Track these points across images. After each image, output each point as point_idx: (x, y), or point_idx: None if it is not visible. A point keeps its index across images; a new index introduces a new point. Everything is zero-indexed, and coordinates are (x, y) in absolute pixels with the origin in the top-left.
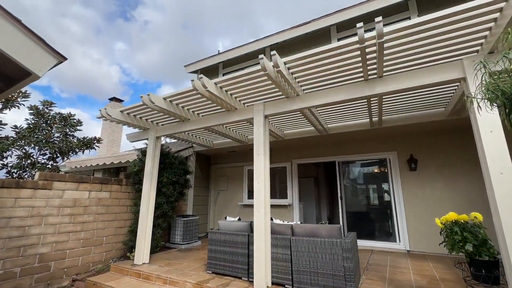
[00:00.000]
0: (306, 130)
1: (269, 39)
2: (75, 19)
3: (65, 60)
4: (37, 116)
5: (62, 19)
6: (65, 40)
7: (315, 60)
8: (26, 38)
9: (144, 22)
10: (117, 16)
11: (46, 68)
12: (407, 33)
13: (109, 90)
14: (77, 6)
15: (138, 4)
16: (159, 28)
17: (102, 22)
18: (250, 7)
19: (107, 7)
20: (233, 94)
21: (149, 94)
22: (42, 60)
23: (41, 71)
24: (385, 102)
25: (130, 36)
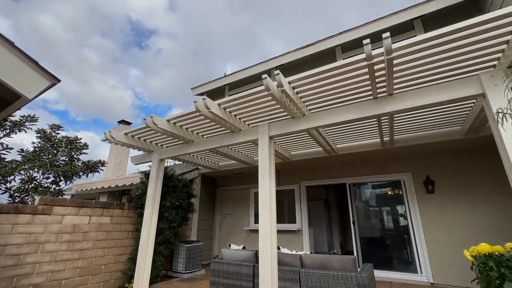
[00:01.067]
0: (314, 151)
1: (275, 60)
2: (94, 49)
3: (58, 82)
4: (44, 139)
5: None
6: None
7: (321, 79)
8: (17, 60)
9: (158, 50)
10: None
11: (37, 90)
12: (419, 48)
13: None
14: (97, 37)
15: (152, 34)
16: (171, 55)
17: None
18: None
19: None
20: (237, 115)
21: (152, 116)
22: (34, 82)
23: (31, 94)
24: (397, 121)
25: (144, 63)
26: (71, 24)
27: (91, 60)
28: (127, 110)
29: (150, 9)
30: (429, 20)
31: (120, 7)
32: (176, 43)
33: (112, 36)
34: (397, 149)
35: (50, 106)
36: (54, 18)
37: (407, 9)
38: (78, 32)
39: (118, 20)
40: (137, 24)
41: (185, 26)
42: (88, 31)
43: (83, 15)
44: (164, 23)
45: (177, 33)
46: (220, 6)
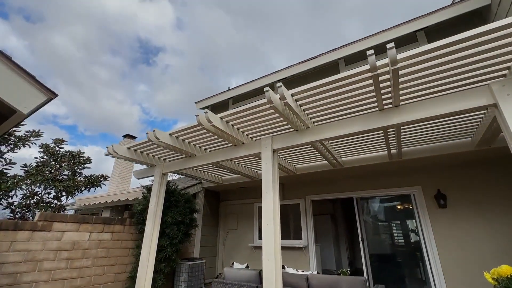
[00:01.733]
0: (319, 164)
1: (278, 74)
2: (104, 66)
3: (55, 96)
4: (47, 154)
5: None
6: (94, 84)
7: (324, 91)
8: (14, 75)
9: (165, 66)
10: (140, 62)
11: (33, 105)
12: (426, 58)
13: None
14: (107, 54)
15: (160, 51)
16: (178, 70)
17: (127, 67)
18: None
19: (133, 55)
20: (239, 128)
21: (154, 130)
22: (30, 97)
23: (27, 109)
24: (404, 133)
25: (151, 79)
26: (83, 42)
27: (101, 76)
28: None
29: (158, 27)
30: (432, 32)
31: (130, 26)
32: (182, 60)
33: (121, 54)
34: (405, 162)
35: (60, 121)
36: (67, 38)
37: (410, 22)
38: (89, 50)
39: (127, 38)
40: (146, 42)
41: (191, 43)
42: (99, 49)
43: (95, 34)
44: (171, 41)
45: (184, 50)
46: (225, 23)
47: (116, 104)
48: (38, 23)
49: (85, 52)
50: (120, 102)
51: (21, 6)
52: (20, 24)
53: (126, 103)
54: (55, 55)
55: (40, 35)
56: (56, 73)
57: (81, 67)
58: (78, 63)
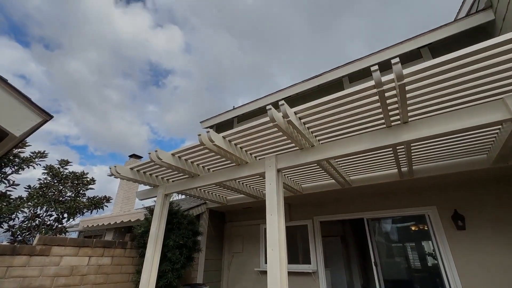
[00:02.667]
0: (326, 183)
1: (283, 92)
2: (116, 88)
3: (51, 118)
4: (51, 175)
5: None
6: (105, 106)
7: (329, 108)
8: (8, 97)
9: (174, 88)
10: (151, 84)
11: (26, 127)
12: (434, 72)
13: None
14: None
15: (169, 73)
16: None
17: (138, 89)
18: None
19: (143, 77)
20: (243, 147)
21: (156, 150)
22: (24, 119)
23: (19, 131)
24: (415, 150)
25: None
26: (96, 67)
27: (112, 98)
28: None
29: (168, 51)
30: (437, 48)
31: (141, 51)
32: (190, 81)
33: (132, 76)
34: (417, 180)
35: (71, 142)
36: (82, 63)
37: (413, 38)
38: (102, 74)
39: (138, 62)
40: (156, 65)
41: (199, 65)
42: (111, 73)
43: (108, 59)
44: (180, 63)
45: (192, 72)
46: (232, 46)
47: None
48: (56, 50)
49: (98, 75)
50: (130, 122)
51: (42, 35)
52: (40, 52)
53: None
54: (70, 79)
55: (57, 61)
56: (70, 96)
57: (94, 90)
58: (91, 86)
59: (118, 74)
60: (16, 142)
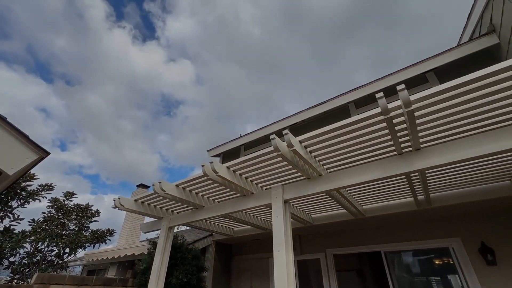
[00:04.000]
0: (337, 213)
1: (289, 119)
2: (129, 119)
3: (47, 155)
4: (55, 208)
5: (119, 120)
6: (119, 136)
7: (335, 136)
8: (5, 135)
9: (184, 117)
10: (162, 114)
11: (21, 165)
12: (445, 97)
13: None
14: (133, 109)
15: (180, 104)
16: (196, 120)
17: (150, 119)
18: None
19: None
20: (248, 177)
21: (160, 182)
22: (19, 156)
23: (13, 169)
24: (430, 178)
25: (172, 129)
26: (112, 100)
27: (126, 129)
28: (153, 173)
29: (180, 83)
30: (442, 72)
31: (155, 84)
32: (201, 110)
33: (146, 107)
34: (436, 209)
35: (85, 171)
36: (99, 96)
37: (418, 64)
38: (118, 106)
39: (152, 94)
40: (168, 97)
41: (209, 96)
42: (126, 105)
43: (123, 92)
44: (191, 94)
45: (202, 102)
46: (240, 76)
47: (137, 154)
48: (76, 86)
49: (114, 107)
50: (142, 151)
51: (65, 72)
52: (61, 87)
53: (147, 152)
54: (87, 111)
55: (77, 95)
56: (87, 127)
57: (109, 121)
58: (107, 118)
59: (133, 105)
60: (11, 181)
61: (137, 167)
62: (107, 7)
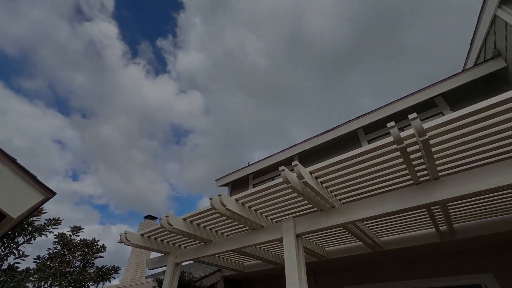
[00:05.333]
0: (353, 246)
1: (297, 147)
2: (140, 149)
3: (53, 195)
4: (61, 244)
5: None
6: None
7: (347, 166)
8: (13, 176)
9: (193, 146)
10: (172, 143)
11: (26, 207)
12: (461, 124)
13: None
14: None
15: (189, 133)
16: (205, 148)
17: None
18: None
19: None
20: (257, 210)
21: (167, 216)
22: (25, 198)
23: (18, 212)
24: (452, 207)
25: (181, 157)
26: (125, 131)
27: (136, 158)
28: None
29: (189, 113)
30: (451, 96)
31: (166, 114)
32: (209, 139)
33: (156, 137)
34: (462, 241)
35: (94, 201)
36: (112, 128)
37: (426, 89)
38: (129, 136)
39: (162, 124)
40: (178, 126)
41: (217, 124)
42: (137, 135)
43: (135, 123)
44: (200, 123)
45: (211, 130)
46: (248, 105)
47: (146, 183)
48: (91, 118)
49: (125, 138)
50: (151, 180)
51: (81, 105)
52: (77, 120)
53: (156, 181)
54: (100, 142)
55: (91, 127)
56: (99, 157)
57: (121, 151)
58: (118, 148)
59: (144, 135)
60: (15, 223)
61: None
62: (123, 46)
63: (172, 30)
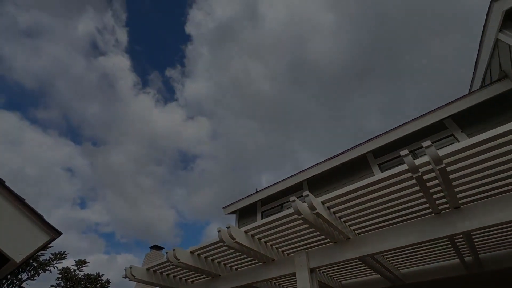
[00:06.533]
0: (371, 279)
1: (306, 172)
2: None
3: (59, 235)
4: (64, 280)
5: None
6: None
7: (360, 196)
8: (19, 216)
9: (201, 171)
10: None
11: (30, 250)
12: (481, 149)
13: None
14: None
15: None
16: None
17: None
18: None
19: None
20: (268, 242)
21: (174, 250)
22: (30, 240)
23: (21, 255)
24: (477, 236)
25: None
26: (133, 157)
27: (144, 184)
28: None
29: (197, 139)
30: (461, 117)
31: (174, 141)
32: (216, 163)
33: (164, 163)
34: (491, 273)
35: (101, 229)
36: (122, 155)
37: (435, 111)
38: (138, 163)
39: (170, 150)
40: (185, 152)
41: (224, 149)
42: (146, 161)
43: (144, 150)
44: (207, 149)
45: (218, 155)
46: (254, 129)
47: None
48: (101, 147)
49: (134, 165)
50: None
51: (92, 134)
52: (88, 148)
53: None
54: (109, 169)
55: (101, 155)
56: (107, 184)
57: (129, 178)
58: (127, 175)
59: (152, 162)
60: (18, 264)
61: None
62: (134, 77)
63: (180, 60)
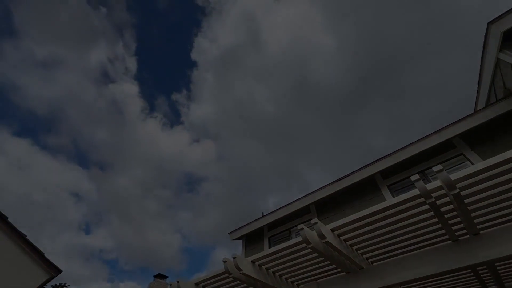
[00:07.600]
0: None
1: (313, 195)
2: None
3: (59, 273)
4: None
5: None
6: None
7: (372, 222)
8: (20, 254)
9: (206, 194)
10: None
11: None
12: (497, 172)
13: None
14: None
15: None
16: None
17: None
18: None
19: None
20: (276, 272)
21: (178, 281)
22: (29, 279)
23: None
24: (502, 265)
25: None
26: (139, 182)
27: (150, 208)
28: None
29: (202, 162)
30: (469, 136)
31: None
32: (222, 185)
33: (170, 187)
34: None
35: (105, 256)
36: (128, 179)
37: (442, 130)
38: (144, 187)
39: (176, 174)
40: (191, 175)
41: (230, 171)
42: (152, 185)
43: (150, 174)
44: (212, 171)
45: (224, 177)
46: (259, 150)
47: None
48: (108, 171)
49: (140, 189)
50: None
51: (100, 159)
52: (95, 172)
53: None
54: (115, 194)
55: (108, 179)
56: (113, 209)
57: (134, 202)
58: (133, 199)
59: (158, 185)
60: None
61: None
62: (142, 102)
63: (186, 85)
